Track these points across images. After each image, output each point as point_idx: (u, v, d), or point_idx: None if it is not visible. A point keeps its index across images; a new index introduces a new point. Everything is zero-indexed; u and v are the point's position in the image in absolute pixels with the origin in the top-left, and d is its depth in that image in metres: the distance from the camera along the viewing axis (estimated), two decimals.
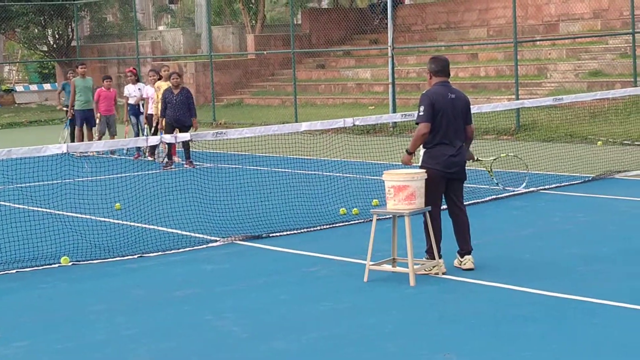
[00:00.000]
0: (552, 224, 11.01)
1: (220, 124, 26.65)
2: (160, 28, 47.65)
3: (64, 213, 12.43)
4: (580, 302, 7.69)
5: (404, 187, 8.51)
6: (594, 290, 7.97)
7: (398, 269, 8.78)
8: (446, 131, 8.78)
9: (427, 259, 8.90)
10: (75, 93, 19.76)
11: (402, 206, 8.53)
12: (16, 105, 37.07)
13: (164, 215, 11.80)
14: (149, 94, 18.69)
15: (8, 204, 13.52)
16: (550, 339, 6.75)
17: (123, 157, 19.24)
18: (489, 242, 9.96)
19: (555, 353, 6.45)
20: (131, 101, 19.31)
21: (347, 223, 11.46)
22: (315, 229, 11.22)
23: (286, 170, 15.88)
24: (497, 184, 10.46)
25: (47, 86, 41.84)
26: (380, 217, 8.82)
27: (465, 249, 8.90)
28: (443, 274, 8.76)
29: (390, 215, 8.78)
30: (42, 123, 30.97)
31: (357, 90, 29.89)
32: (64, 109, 20.92)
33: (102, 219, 12.10)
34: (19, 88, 42.42)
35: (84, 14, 38.16)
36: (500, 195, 12.78)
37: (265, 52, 31.26)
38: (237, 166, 16.48)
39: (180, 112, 17.06)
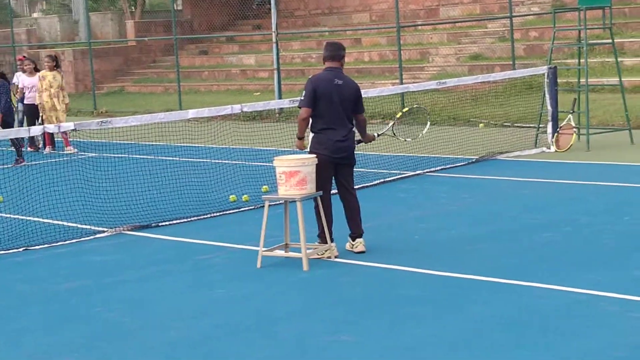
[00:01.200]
0: (438, 205, 11.19)
1: (101, 112, 26.14)
2: (35, 15, 46.41)
3: None
4: (468, 280, 7.84)
5: (295, 172, 8.51)
6: (476, 268, 8.14)
7: (291, 254, 8.78)
8: (330, 117, 8.79)
9: (320, 243, 8.92)
10: None
11: (293, 191, 8.53)
12: None
13: (49, 207, 11.50)
14: (25, 83, 18.23)
15: None
16: (439, 317, 6.87)
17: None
18: (380, 224, 10.06)
19: (445, 330, 6.56)
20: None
21: (237, 210, 11.40)
22: (205, 216, 11.12)
23: (174, 158, 15.70)
24: (405, 140, 10.57)
25: None
26: (272, 203, 8.79)
27: (356, 232, 8.96)
28: (335, 257, 8.80)
29: (282, 201, 8.77)
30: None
31: (242, 77, 29.77)
32: None
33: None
34: None
35: None
36: (388, 179, 12.93)
37: (146, 39, 30.81)
38: (122, 155, 16.20)
39: None
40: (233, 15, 33.40)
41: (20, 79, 18.47)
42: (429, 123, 10.69)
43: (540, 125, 15.53)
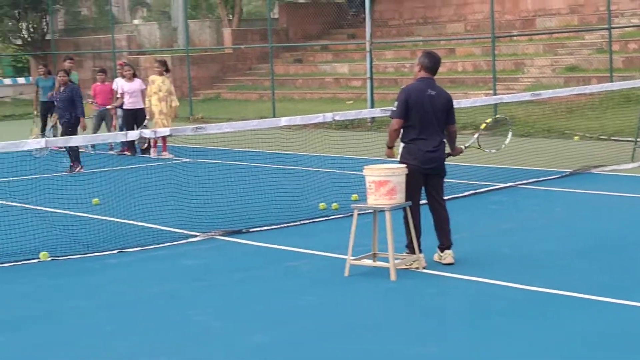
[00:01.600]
0: (530, 219, 11.06)
1: (197, 118, 26.56)
2: (136, 22, 47.38)
3: (43, 208, 12.35)
4: (557, 295, 7.73)
5: (384, 182, 8.53)
6: (567, 283, 8.01)
7: (379, 263, 8.80)
8: (422, 127, 8.79)
9: (408, 253, 8.92)
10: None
11: (383, 201, 8.55)
12: None
13: (144, 211, 11.75)
14: (125, 88, 18.49)
15: None
16: (527, 332, 6.79)
17: (102, 152, 19.08)
18: (469, 236, 9.99)
19: (533, 346, 6.49)
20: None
21: (327, 218, 11.46)
22: (295, 224, 11.21)
23: (266, 165, 15.87)
24: (489, 151, 10.51)
25: (21, 80, 41.54)
26: (361, 212, 8.82)
27: (445, 244, 8.93)
28: (423, 268, 8.78)
29: (371, 210, 8.79)
30: (16, 117, 30.72)
31: (335, 85, 29.88)
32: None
33: (81, 214, 12.02)
34: None
35: (58, 7, 37.89)
36: (479, 191, 12.84)
37: (242, 47, 31.22)
38: (216, 161, 16.45)
39: (63, 109, 16.06)
40: (328, 24, 33.58)
41: (120, 84, 18.77)
42: (510, 133, 10.59)
43: (638, 139, 15.21)
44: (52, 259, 9.72)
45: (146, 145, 18.13)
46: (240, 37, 33.80)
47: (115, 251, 10.03)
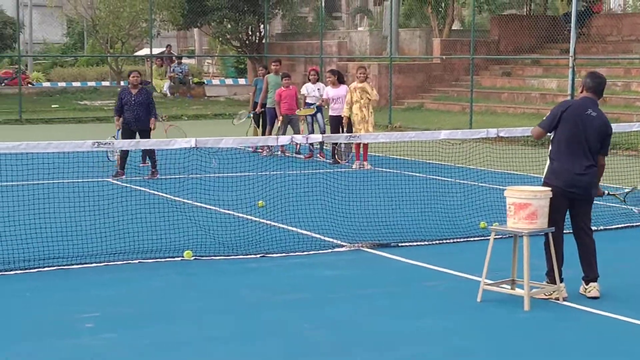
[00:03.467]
0: None
1: (395, 127, 26.40)
2: (360, 29, 47.70)
3: (199, 204, 12.48)
4: None
5: (525, 205, 8.01)
6: None
7: (516, 291, 8.28)
8: (570, 144, 8.19)
9: (548, 282, 8.34)
10: (268, 90, 19.17)
11: (521, 225, 8.03)
12: (206, 97, 38.12)
13: (296, 216, 11.66)
14: (330, 94, 18.10)
15: (143, 189, 13.79)
16: None
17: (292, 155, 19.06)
18: (621, 270, 9.26)
19: None
20: (309, 100, 18.87)
21: (484, 238, 10.93)
22: (448, 241, 10.80)
23: (430, 176, 15.41)
24: (632, 209, 9.73)
25: (242, 81, 42.91)
26: (498, 236, 8.33)
27: (590, 276, 8.29)
28: (564, 299, 8.19)
29: (511, 235, 8.29)
30: (227, 116, 31.64)
31: (541, 101, 28.88)
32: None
33: (243, 215, 12.02)
34: (215, 82, 43.71)
35: (277, 12, 38.79)
36: (635, 223, 11.82)
37: (444, 57, 30.76)
38: (392, 170, 16.17)
39: (139, 113, 15.81)
40: (541, 38, 32.48)
41: (326, 90, 18.38)
42: None
43: None
44: (195, 258, 9.79)
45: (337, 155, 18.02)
46: (450, 47, 33.31)
47: (258, 255, 9.99)
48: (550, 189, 8.15)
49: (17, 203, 11.45)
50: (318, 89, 18.93)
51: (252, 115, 19.79)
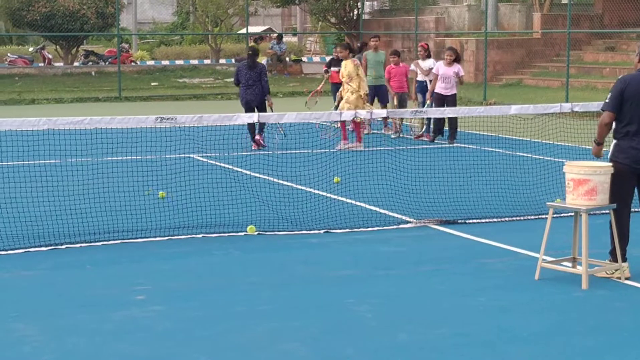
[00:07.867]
0: None
1: (489, 103, 25.94)
2: (462, 4, 46.92)
3: (270, 178, 12.51)
4: None
5: (584, 180, 7.75)
6: None
7: (577, 269, 8.02)
8: (638, 122, 7.87)
9: (611, 261, 8.06)
10: (367, 67, 18.49)
11: (580, 201, 7.78)
12: (303, 75, 38.18)
13: (364, 192, 11.58)
14: (441, 72, 17.25)
15: (213, 162, 13.91)
16: None
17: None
18: None
19: None
20: (419, 77, 18.36)
21: (556, 215, 10.62)
22: (519, 218, 10.56)
23: (508, 152, 15.07)
24: None
25: None
26: (557, 213, 8.08)
27: None
28: (626, 279, 7.91)
29: (572, 212, 8.03)
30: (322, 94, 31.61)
31: None
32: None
33: (317, 191, 11.98)
34: (316, 59, 43.74)
35: None
36: None
37: (539, 32, 30.04)
38: (471, 146, 15.90)
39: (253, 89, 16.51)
40: None
41: (437, 65, 17.55)
42: None
43: None
44: (259, 234, 9.81)
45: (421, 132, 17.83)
46: (551, 22, 32.53)
47: (322, 231, 9.94)
48: (611, 164, 7.86)
49: (95, 178, 11.76)
50: (430, 67, 18.01)
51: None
